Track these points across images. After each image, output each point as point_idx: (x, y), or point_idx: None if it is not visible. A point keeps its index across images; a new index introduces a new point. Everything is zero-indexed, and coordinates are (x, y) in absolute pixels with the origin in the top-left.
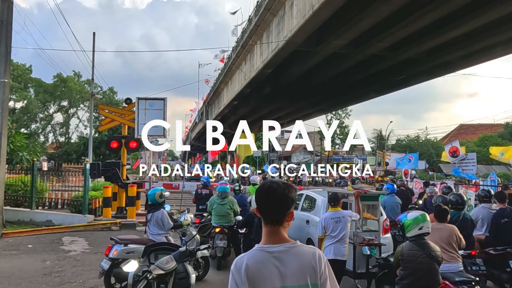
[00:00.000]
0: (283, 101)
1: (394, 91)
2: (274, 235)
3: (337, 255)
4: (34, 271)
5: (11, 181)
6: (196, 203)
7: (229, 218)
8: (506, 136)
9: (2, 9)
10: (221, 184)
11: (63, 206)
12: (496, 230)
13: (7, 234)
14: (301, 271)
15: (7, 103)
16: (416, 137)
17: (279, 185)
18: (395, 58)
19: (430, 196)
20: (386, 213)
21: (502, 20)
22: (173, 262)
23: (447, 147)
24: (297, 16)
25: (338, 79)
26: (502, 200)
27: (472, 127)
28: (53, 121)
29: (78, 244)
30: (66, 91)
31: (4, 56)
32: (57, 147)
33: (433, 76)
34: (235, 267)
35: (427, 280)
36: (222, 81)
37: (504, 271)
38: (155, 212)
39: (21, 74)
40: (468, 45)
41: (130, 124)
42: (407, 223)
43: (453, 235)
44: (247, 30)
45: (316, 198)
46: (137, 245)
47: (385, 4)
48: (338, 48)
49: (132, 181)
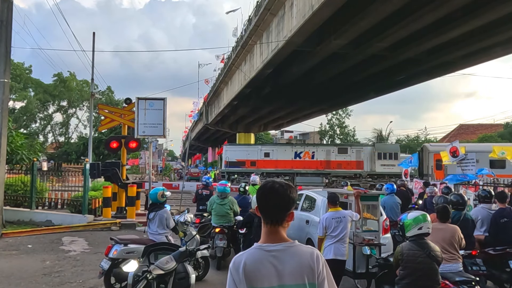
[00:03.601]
0: (283, 101)
1: (394, 91)
2: (273, 235)
3: (337, 255)
4: (34, 271)
5: (11, 181)
6: (197, 203)
7: (228, 218)
8: (506, 136)
9: (2, 9)
10: (221, 184)
11: (63, 206)
12: (496, 230)
13: (7, 234)
14: (298, 270)
15: (7, 103)
16: (416, 137)
17: (281, 185)
18: (395, 58)
19: (430, 196)
20: (386, 213)
21: (502, 20)
22: (173, 262)
23: (447, 147)
24: (297, 16)
25: (338, 79)
26: (502, 200)
27: (472, 127)
28: (53, 121)
29: (78, 244)
30: (66, 91)
31: (4, 56)
32: (56, 147)
33: (433, 76)
34: (234, 265)
35: (427, 280)
36: (222, 81)
37: (504, 271)
38: (159, 211)
39: (20, 74)
40: (468, 45)
41: (130, 124)
42: (407, 223)
43: (455, 235)
44: (247, 30)
45: (316, 198)
46: (137, 245)
47: (385, 4)
48: (338, 48)
49: (132, 181)
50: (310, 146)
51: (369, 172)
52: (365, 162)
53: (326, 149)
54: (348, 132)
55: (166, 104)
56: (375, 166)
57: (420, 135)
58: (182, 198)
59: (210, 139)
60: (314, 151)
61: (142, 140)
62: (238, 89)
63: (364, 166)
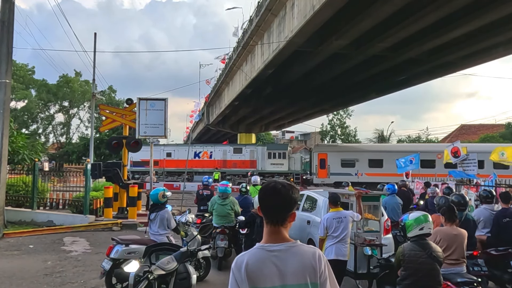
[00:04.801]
0: (284, 102)
1: (395, 91)
2: (275, 235)
3: (338, 255)
4: (35, 271)
5: (13, 181)
6: (198, 203)
7: (230, 218)
8: (508, 137)
9: (3, 9)
10: (222, 185)
11: (64, 206)
12: (498, 230)
13: (9, 234)
14: (301, 270)
15: (9, 104)
16: (417, 137)
17: (283, 185)
18: (396, 59)
19: (431, 196)
20: (387, 214)
21: (504, 20)
22: (174, 263)
23: (448, 147)
24: (298, 17)
25: (339, 79)
26: (506, 201)
27: (473, 127)
28: (54, 122)
29: (79, 244)
30: (69, 92)
31: (6, 57)
32: (58, 148)
33: (434, 76)
34: (236, 265)
35: (428, 280)
36: (223, 81)
37: (505, 272)
38: (160, 211)
39: (23, 75)
40: (469, 45)
41: (131, 124)
42: (408, 223)
43: (465, 240)
44: (248, 30)
45: (317, 198)
46: (138, 245)
47: (386, 4)
48: (339, 49)
49: (133, 181)
50: (208, 146)
51: (260, 170)
52: (258, 161)
53: (223, 149)
54: (349, 133)
55: (167, 104)
56: (266, 165)
57: (421, 136)
58: (183, 199)
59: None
60: (212, 151)
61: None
62: (239, 89)
63: (257, 165)
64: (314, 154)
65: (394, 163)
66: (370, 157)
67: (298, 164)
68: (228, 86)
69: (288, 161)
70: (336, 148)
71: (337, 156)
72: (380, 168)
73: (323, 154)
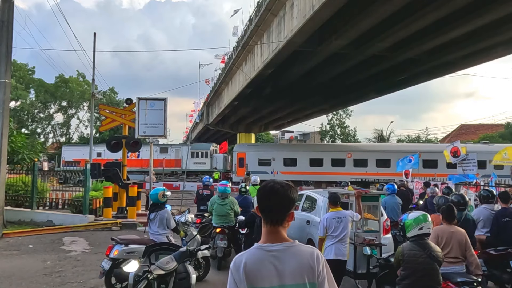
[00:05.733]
0: (284, 101)
1: (395, 91)
2: (273, 235)
3: (338, 255)
4: (35, 271)
5: (12, 181)
6: (197, 203)
7: (229, 218)
8: (507, 137)
9: (3, 9)
10: (222, 185)
11: (63, 206)
12: (497, 229)
13: (8, 234)
14: (299, 270)
15: (8, 104)
16: (416, 137)
17: (281, 185)
18: (395, 58)
19: (431, 196)
20: (386, 214)
21: (503, 20)
22: (173, 262)
23: (448, 147)
24: (297, 17)
25: (338, 79)
26: (505, 201)
27: (472, 127)
28: (53, 121)
29: (79, 244)
30: (68, 92)
31: (5, 56)
32: (57, 147)
33: (434, 76)
34: (234, 265)
35: (428, 280)
36: (223, 81)
37: (505, 272)
38: (160, 211)
39: (23, 75)
40: (469, 45)
41: (130, 124)
42: (407, 223)
43: (464, 238)
44: (247, 30)
45: (317, 198)
46: (138, 245)
47: (386, 4)
48: (338, 49)
49: (133, 181)
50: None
51: (183, 169)
52: (182, 160)
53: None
54: (349, 132)
55: (166, 104)
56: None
57: (421, 135)
58: (183, 198)
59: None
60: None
61: (143, 140)
62: (238, 89)
63: (182, 164)
64: (234, 153)
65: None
66: (285, 156)
67: (221, 163)
68: (228, 86)
69: (210, 160)
70: (254, 148)
71: (255, 155)
72: (294, 166)
73: (241, 153)
